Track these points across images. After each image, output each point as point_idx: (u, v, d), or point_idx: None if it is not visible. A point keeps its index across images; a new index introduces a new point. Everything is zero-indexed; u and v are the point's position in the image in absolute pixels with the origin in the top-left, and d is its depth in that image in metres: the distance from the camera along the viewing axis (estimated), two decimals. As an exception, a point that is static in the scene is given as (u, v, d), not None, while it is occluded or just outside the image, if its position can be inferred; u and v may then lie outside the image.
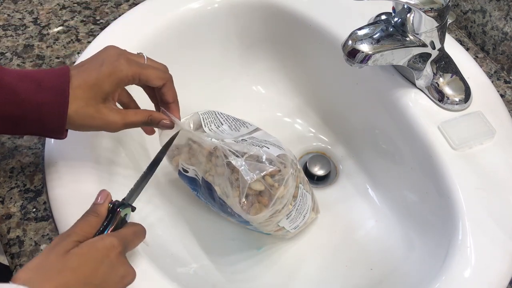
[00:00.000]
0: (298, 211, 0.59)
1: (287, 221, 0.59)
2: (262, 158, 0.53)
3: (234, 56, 0.77)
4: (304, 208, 0.61)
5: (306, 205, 0.61)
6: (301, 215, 0.61)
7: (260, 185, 0.53)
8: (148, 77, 0.51)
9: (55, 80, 0.47)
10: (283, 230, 0.61)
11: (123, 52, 0.51)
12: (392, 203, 0.67)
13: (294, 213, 0.59)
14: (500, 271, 0.50)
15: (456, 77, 0.61)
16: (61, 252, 0.41)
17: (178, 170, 0.60)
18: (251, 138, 0.57)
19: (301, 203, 0.59)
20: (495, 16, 0.67)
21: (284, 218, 0.58)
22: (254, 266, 0.64)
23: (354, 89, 0.70)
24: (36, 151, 0.59)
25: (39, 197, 0.56)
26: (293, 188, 0.56)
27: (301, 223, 0.62)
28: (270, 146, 0.55)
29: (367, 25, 0.57)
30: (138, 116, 0.52)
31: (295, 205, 0.58)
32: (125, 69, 0.49)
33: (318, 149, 0.76)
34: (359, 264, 0.63)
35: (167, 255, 0.59)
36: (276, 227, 0.59)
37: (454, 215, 0.54)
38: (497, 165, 0.57)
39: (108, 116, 0.49)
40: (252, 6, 0.73)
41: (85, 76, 0.48)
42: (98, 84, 0.48)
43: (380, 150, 0.69)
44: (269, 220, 0.56)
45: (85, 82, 0.47)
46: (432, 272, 0.52)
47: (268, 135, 0.59)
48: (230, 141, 0.55)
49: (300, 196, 0.59)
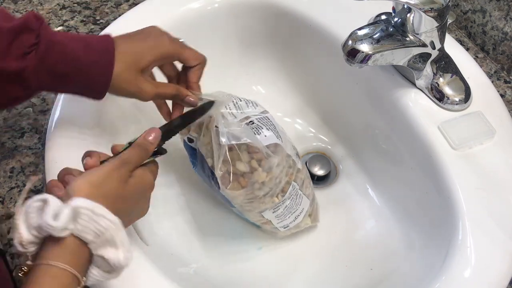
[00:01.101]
0: (287, 209, 0.60)
1: (273, 215, 0.59)
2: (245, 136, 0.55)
3: (234, 56, 0.77)
4: (296, 209, 0.61)
5: (300, 207, 0.61)
6: (291, 215, 0.61)
7: (244, 167, 0.55)
8: (188, 55, 0.55)
9: (102, 43, 0.50)
10: (271, 225, 0.61)
11: (167, 32, 0.55)
12: (392, 203, 0.67)
13: (282, 210, 0.59)
14: (500, 271, 0.50)
15: (456, 77, 0.61)
16: (122, 180, 0.44)
17: (184, 139, 0.60)
18: (258, 120, 0.58)
19: (292, 202, 0.60)
20: (495, 16, 0.67)
21: (269, 210, 0.58)
22: (254, 266, 0.64)
23: (354, 89, 0.70)
24: (36, 151, 0.59)
25: (39, 197, 0.56)
26: (282, 181, 0.57)
27: (292, 224, 0.62)
28: (268, 133, 0.57)
29: (367, 25, 0.57)
30: (168, 89, 0.55)
31: (284, 201, 0.59)
32: (168, 45, 0.53)
33: (318, 149, 0.76)
34: (359, 264, 0.63)
35: (167, 255, 0.59)
36: (260, 217, 0.60)
37: (454, 215, 0.54)
38: (497, 165, 0.57)
39: (142, 84, 0.52)
40: (252, 6, 0.73)
41: (130, 44, 0.52)
42: (141, 53, 0.52)
43: (380, 150, 0.69)
44: (249, 204, 0.57)
45: (130, 49, 0.51)
46: (432, 272, 0.52)
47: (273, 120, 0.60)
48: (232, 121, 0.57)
49: (292, 194, 0.59)
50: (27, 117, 0.62)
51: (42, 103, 0.64)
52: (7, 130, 0.61)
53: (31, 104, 0.64)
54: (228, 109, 0.58)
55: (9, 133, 0.61)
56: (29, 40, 0.47)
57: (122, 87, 0.51)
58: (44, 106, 0.64)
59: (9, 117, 0.62)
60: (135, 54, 0.51)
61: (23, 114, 0.63)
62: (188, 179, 0.68)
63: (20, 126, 0.62)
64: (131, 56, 0.51)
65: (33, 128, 0.62)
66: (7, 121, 0.62)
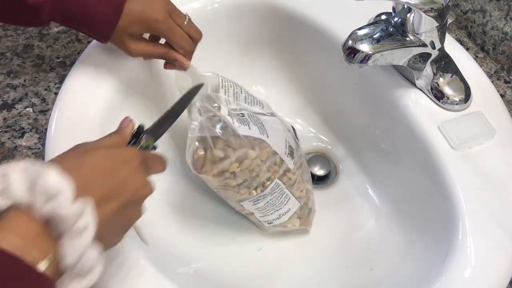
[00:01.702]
0: (269, 205, 0.60)
1: (253, 207, 0.60)
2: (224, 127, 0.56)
3: (234, 56, 0.77)
4: (281, 208, 0.61)
5: (285, 207, 0.61)
6: (274, 212, 0.61)
7: (220, 153, 0.56)
8: (172, 41, 0.59)
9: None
10: (253, 217, 0.62)
11: (169, 5, 0.58)
12: (392, 203, 0.67)
13: (262, 204, 0.60)
14: (500, 271, 0.50)
15: (456, 77, 0.61)
16: (82, 150, 0.40)
17: None
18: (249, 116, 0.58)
19: (275, 200, 0.60)
20: (495, 16, 0.67)
21: (248, 201, 0.59)
22: (254, 266, 0.64)
23: (354, 89, 0.70)
24: (36, 151, 0.59)
25: (39, 197, 0.56)
26: (261, 176, 0.57)
27: (276, 221, 0.62)
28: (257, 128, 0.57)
29: (367, 25, 0.57)
30: (157, 49, 0.60)
31: (264, 195, 0.59)
32: (160, 22, 0.57)
33: (318, 149, 0.76)
34: (359, 264, 0.63)
35: (167, 255, 0.59)
36: (240, 206, 0.61)
37: (454, 215, 0.54)
38: (497, 165, 0.57)
39: (128, 43, 0.57)
40: (252, 6, 0.73)
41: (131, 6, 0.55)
42: (134, 21, 0.56)
43: (380, 150, 0.69)
44: (224, 191, 0.59)
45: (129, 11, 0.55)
46: (432, 272, 0.52)
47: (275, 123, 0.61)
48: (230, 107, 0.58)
49: (276, 191, 0.59)
50: (27, 117, 0.62)
51: (42, 103, 0.64)
52: (7, 130, 0.61)
53: (31, 104, 0.64)
54: (226, 95, 0.59)
55: (9, 133, 0.61)
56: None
57: (114, 42, 0.58)
58: (44, 106, 0.64)
59: (9, 117, 0.62)
60: (129, 20, 0.55)
61: (23, 114, 0.63)
62: (189, 178, 0.68)
63: (20, 126, 0.62)
64: (125, 19, 0.55)
65: (33, 128, 0.62)
66: (7, 121, 0.62)
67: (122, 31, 0.56)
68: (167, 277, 0.50)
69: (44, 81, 0.66)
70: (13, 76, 0.66)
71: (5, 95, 0.64)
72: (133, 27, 0.56)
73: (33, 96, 0.64)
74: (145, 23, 0.56)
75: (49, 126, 0.59)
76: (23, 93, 0.65)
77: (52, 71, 0.67)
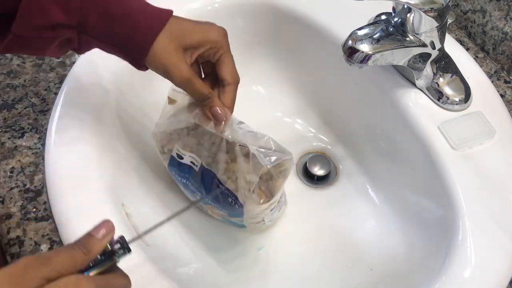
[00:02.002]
0: (279, 203, 0.61)
1: (270, 213, 0.60)
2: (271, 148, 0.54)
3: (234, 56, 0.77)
4: (281, 201, 0.62)
5: (283, 198, 0.62)
6: (280, 209, 0.62)
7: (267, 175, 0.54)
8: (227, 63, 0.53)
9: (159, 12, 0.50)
10: (261, 223, 0.62)
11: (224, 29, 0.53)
12: (392, 203, 0.67)
13: (276, 205, 0.60)
14: (500, 271, 0.50)
15: (456, 77, 0.61)
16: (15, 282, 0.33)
17: (171, 156, 0.59)
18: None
19: (282, 196, 0.61)
20: (495, 16, 0.67)
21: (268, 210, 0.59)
22: (254, 266, 0.64)
23: (354, 89, 0.70)
24: (36, 151, 0.59)
25: (39, 197, 0.56)
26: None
27: (276, 216, 0.63)
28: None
29: (367, 25, 0.57)
30: (202, 86, 0.51)
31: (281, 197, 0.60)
32: (218, 36, 0.52)
33: (318, 149, 0.76)
34: (359, 264, 0.63)
35: (167, 255, 0.59)
36: (259, 219, 0.60)
37: (454, 215, 0.54)
38: (497, 165, 0.57)
39: (180, 61, 0.49)
40: (252, 6, 0.73)
41: (183, 20, 0.50)
42: (190, 30, 0.50)
43: (380, 150, 0.69)
44: (264, 211, 0.57)
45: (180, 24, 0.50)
46: (432, 272, 0.52)
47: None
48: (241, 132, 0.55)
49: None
50: (27, 117, 0.62)
51: (42, 103, 0.64)
52: (7, 130, 0.61)
53: (31, 104, 0.64)
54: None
55: (9, 133, 0.61)
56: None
57: (160, 56, 0.48)
58: (44, 106, 0.64)
59: (9, 117, 0.62)
60: (183, 30, 0.50)
61: (23, 114, 0.63)
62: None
63: (20, 126, 0.62)
64: (179, 30, 0.49)
65: (33, 128, 0.62)
66: (7, 121, 0.62)
67: (174, 41, 0.49)
68: (167, 277, 0.50)
69: (44, 81, 0.66)
70: (13, 76, 0.66)
71: (5, 95, 0.64)
72: (190, 37, 0.50)
73: (33, 96, 0.64)
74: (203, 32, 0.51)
75: (49, 126, 0.59)
76: (23, 93, 0.65)
77: (52, 71, 0.67)
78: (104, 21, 0.47)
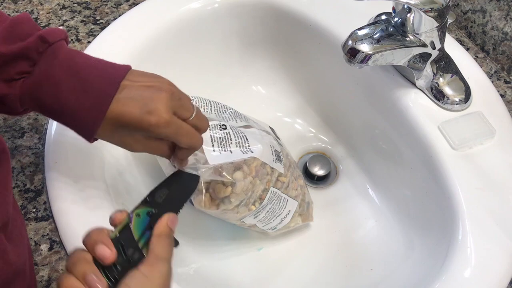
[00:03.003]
0: (270, 213, 0.60)
1: (255, 220, 0.60)
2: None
3: (234, 56, 0.77)
4: (281, 212, 0.61)
5: (285, 210, 0.61)
6: (276, 218, 0.61)
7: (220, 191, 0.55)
8: (179, 143, 0.47)
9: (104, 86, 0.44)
10: (257, 228, 0.61)
11: (174, 101, 0.45)
12: (392, 203, 0.67)
13: (263, 214, 0.59)
14: (500, 271, 0.50)
15: (456, 77, 0.61)
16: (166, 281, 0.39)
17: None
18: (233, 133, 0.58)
19: (274, 207, 0.60)
20: (495, 16, 0.67)
21: (248, 217, 0.59)
22: (254, 266, 0.64)
23: (354, 89, 0.70)
24: (36, 151, 0.59)
25: (39, 197, 0.56)
26: (257, 190, 0.57)
27: (279, 225, 0.62)
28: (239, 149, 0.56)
29: (367, 25, 0.57)
30: (162, 149, 0.48)
31: (264, 207, 0.59)
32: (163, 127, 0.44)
33: (318, 149, 0.76)
34: (359, 264, 0.63)
35: (167, 255, 0.59)
36: (241, 223, 0.60)
37: (454, 215, 0.54)
38: (497, 165, 0.57)
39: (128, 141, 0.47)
40: (252, 6, 0.73)
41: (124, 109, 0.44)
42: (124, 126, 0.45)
43: (380, 150, 0.69)
44: (224, 214, 0.58)
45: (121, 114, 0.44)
46: (432, 272, 0.52)
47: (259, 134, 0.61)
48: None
49: (273, 199, 0.59)
50: (27, 117, 0.62)
51: (42, 103, 0.64)
52: (7, 130, 0.61)
53: (31, 104, 0.64)
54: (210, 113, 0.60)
55: (9, 133, 0.61)
56: (22, 67, 0.43)
57: (108, 139, 0.47)
58: (44, 106, 0.64)
59: (9, 117, 0.62)
60: (120, 124, 0.44)
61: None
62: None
63: (20, 126, 0.62)
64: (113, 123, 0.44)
65: (33, 128, 0.62)
66: (7, 121, 0.62)
67: (115, 131, 0.45)
68: (167, 277, 0.50)
69: (44, 81, 0.66)
70: (13, 76, 0.66)
71: (5, 95, 0.64)
72: (127, 132, 0.45)
73: (33, 96, 0.64)
74: (144, 129, 0.44)
75: (49, 126, 0.59)
76: (23, 93, 0.65)
77: (52, 71, 0.67)
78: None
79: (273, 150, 0.60)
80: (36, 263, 0.51)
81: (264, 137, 0.61)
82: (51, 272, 0.51)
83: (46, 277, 0.50)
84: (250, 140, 0.58)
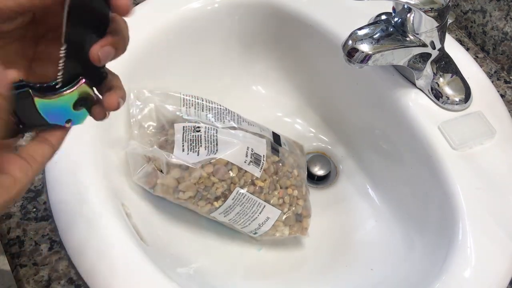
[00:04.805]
0: (240, 215, 0.60)
1: (225, 218, 0.60)
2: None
3: (234, 56, 0.77)
4: (256, 217, 0.60)
5: (261, 215, 0.60)
6: (252, 221, 0.60)
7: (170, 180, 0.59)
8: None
9: None
10: (239, 229, 0.62)
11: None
12: (392, 203, 0.67)
13: (233, 215, 0.60)
14: (500, 271, 0.50)
15: (456, 77, 0.61)
16: None
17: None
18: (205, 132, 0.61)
19: (246, 209, 0.60)
20: (495, 16, 0.67)
21: (217, 214, 0.60)
22: (254, 266, 0.64)
23: (354, 89, 0.70)
24: (36, 151, 0.59)
25: (39, 197, 0.56)
26: (217, 188, 0.58)
27: (259, 230, 0.61)
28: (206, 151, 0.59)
29: (367, 25, 0.57)
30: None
31: (231, 206, 0.59)
32: None
33: (318, 149, 0.76)
34: (359, 264, 0.64)
35: (167, 255, 0.59)
36: (213, 218, 0.61)
37: (454, 215, 0.54)
38: (497, 165, 0.57)
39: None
40: (252, 5, 0.73)
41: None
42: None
43: (380, 150, 0.69)
44: (185, 203, 0.60)
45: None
46: (432, 272, 0.52)
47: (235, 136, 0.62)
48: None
49: (243, 201, 0.59)
50: (27, 117, 0.62)
51: (42, 103, 0.64)
52: (7, 130, 0.61)
53: (31, 104, 0.64)
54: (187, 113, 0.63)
55: (9, 133, 0.61)
56: None
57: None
58: (44, 106, 0.63)
59: (9, 117, 0.62)
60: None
61: (23, 114, 0.63)
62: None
63: (20, 126, 0.62)
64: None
65: (33, 128, 0.61)
66: (7, 121, 0.62)
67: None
68: (167, 277, 0.50)
69: (44, 81, 0.66)
70: (13, 76, 0.66)
71: (5, 95, 0.64)
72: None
73: (33, 96, 0.64)
74: None
75: (49, 126, 0.59)
76: (23, 93, 0.65)
77: (52, 71, 0.67)
78: None
79: (251, 153, 0.60)
80: (36, 263, 0.51)
81: (247, 139, 0.61)
82: (51, 272, 0.51)
83: (46, 277, 0.50)
84: (221, 142, 0.60)
